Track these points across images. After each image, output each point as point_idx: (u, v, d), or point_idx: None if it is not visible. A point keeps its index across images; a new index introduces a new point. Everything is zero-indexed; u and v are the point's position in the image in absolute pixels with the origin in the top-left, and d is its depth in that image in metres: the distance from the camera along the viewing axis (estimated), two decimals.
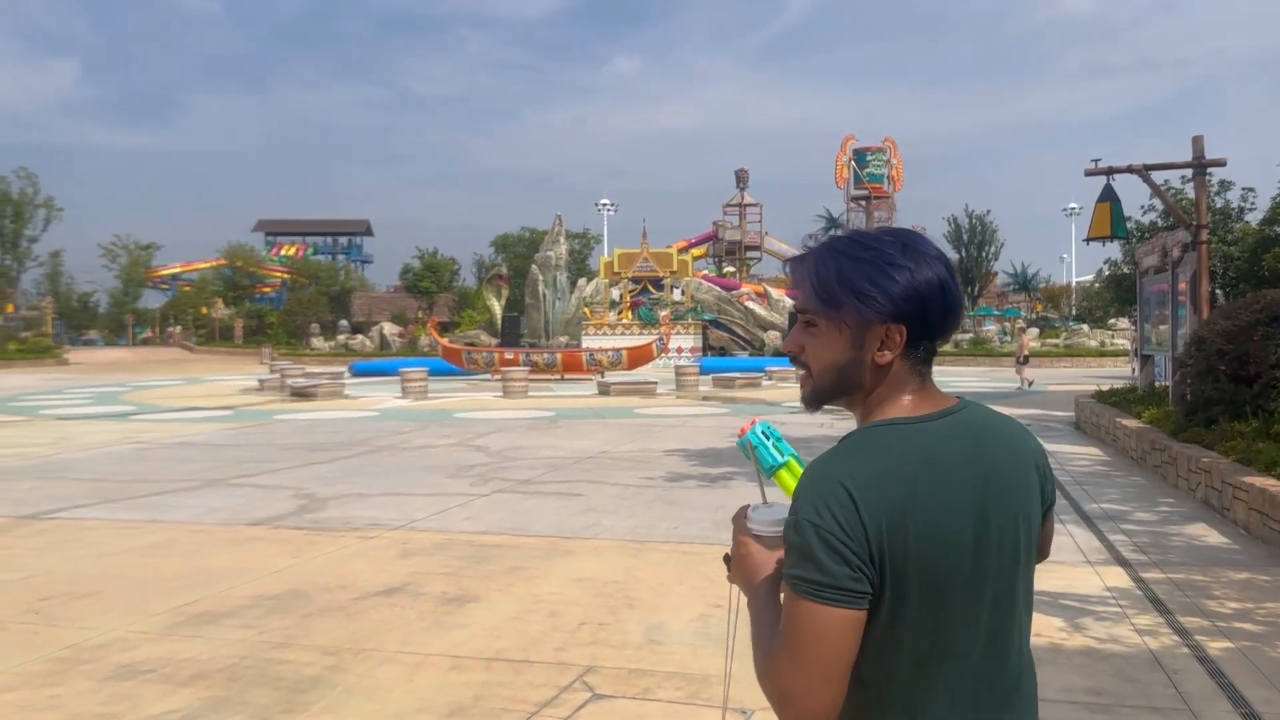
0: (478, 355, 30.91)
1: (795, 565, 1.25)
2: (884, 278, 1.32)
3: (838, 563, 1.22)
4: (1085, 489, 9.55)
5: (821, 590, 1.22)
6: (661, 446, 13.05)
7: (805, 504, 1.25)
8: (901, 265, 1.32)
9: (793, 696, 1.23)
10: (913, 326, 1.33)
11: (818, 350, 1.40)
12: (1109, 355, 40.76)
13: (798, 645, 1.23)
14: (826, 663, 1.23)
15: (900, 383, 1.36)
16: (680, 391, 23.92)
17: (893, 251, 1.33)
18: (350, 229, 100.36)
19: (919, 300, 1.32)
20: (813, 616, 1.23)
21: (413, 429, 15.72)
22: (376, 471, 10.99)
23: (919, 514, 1.25)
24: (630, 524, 7.90)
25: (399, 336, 53.59)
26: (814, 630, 1.23)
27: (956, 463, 1.30)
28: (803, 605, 1.23)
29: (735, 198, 68.27)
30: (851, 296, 1.33)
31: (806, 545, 1.23)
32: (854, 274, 1.33)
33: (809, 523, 1.23)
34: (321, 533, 7.66)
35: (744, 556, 1.44)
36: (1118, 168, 11.94)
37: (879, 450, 1.29)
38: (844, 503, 1.23)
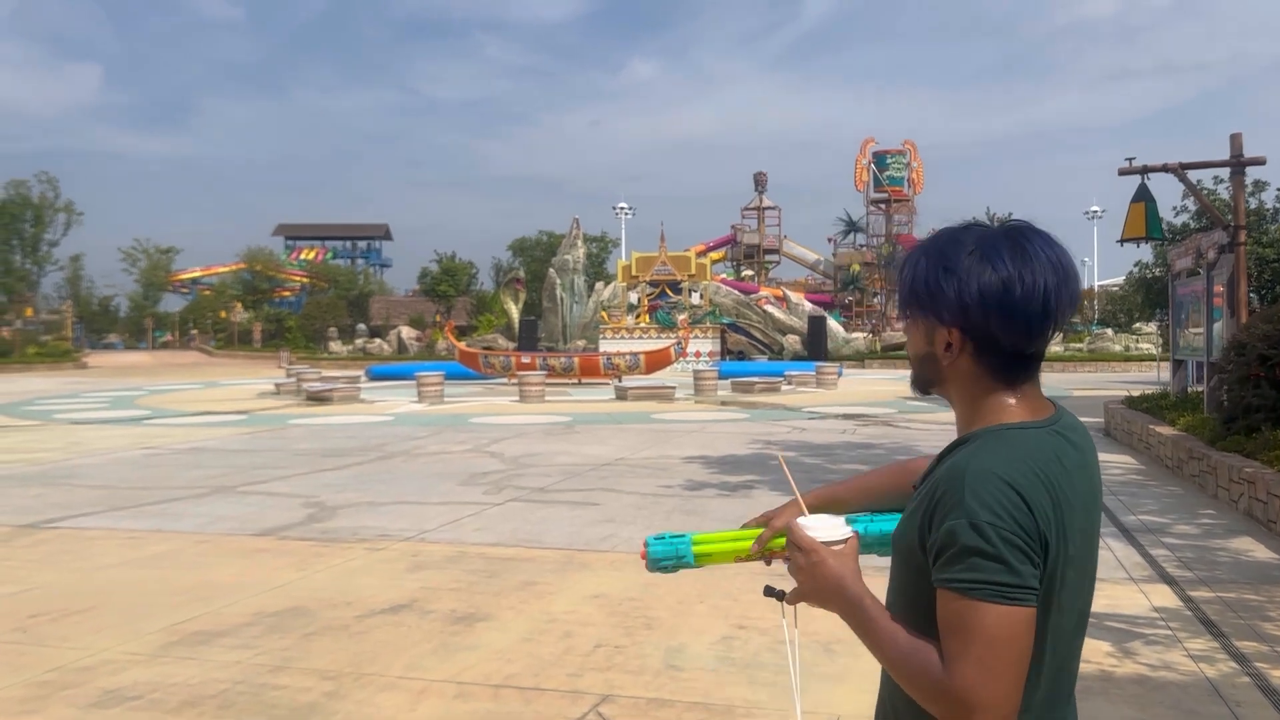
0: (494, 359, 30.69)
1: (975, 569, 1.21)
2: (939, 282, 1.33)
3: (1023, 562, 1.21)
4: (1121, 499, 9.18)
5: (1012, 592, 1.20)
6: (680, 453, 12.75)
7: (978, 505, 1.22)
8: (953, 271, 1.32)
9: (989, 706, 1.20)
10: (973, 333, 1.32)
11: (909, 341, 1.45)
12: (1134, 360, 40.19)
13: (989, 653, 1.20)
14: (1017, 665, 1.22)
15: (993, 387, 1.35)
16: (699, 396, 23.60)
17: (956, 255, 1.33)
18: (369, 233, 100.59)
19: (971, 309, 1.30)
20: (1005, 620, 1.20)
21: (427, 435, 15.47)
22: (388, 479, 10.73)
23: (1065, 514, 1.27)
24: (648, 534, 7.59)
25: (417, 340, 53.52)
26: (1008, 634, 1.20)
27: (1076, 467, 1.32)
28: (991, 610, 1.20)
29: (754, 201, 67.96)
30: (912, 297, 1.37)
31: (991, 547, 1.20)
32: (921, 274, 1.35)
33: (988, 524, 1.21)
34: (329, 544, 7.40)
35: (819, 565, 1.40)
36: (1153, 167, 11.55)
37: (1023, 452, 1.28)
38: (1017, 503, 1.23)
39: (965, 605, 1.21)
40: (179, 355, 64.58)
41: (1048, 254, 1.31)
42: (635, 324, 38.61)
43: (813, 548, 1.40)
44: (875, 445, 13.61)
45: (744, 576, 5.86)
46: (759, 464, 11.65)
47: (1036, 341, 1.33)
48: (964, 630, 1.21)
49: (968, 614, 1.21)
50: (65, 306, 64.34)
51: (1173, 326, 14.47)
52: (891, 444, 13.75)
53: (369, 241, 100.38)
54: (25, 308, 55.29)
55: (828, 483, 1.77)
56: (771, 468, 11.26)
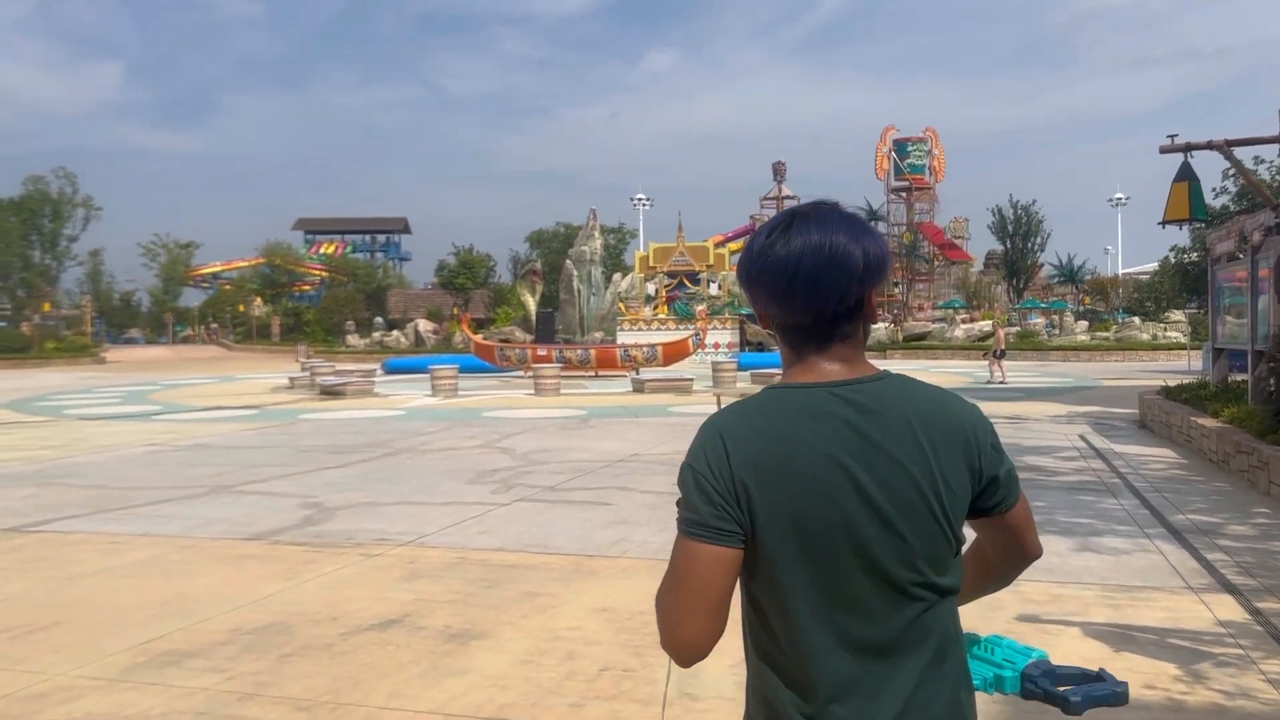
0: (510, 352, 30.25)
1: (680, 505, 1.38)
2: (741, 259, 1.48)
3: (704, 502, 1.33)
4: (1166, 496, 8.63)
5: (694, 529, 1.33)
6: None
7: (691, 452, 1.38)
8: (748, 248, 1.45)
9: (670, 623, 1.35)
10: (767, 304, 1.43)
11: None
12: (1161, 348, 39.31)
13: (674, 579, 1.35)
14: (696, 595, 1.32)
15: (795, 353, 1.45)
16: (717, 388, 23.06)
17: (759, 234, 1.44)
18: (388, 227, 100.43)
19: (756, 281, 1.43)
20: (688, 553, 1.33)
21: (437, 429, 15.04)
22: (393, 477, 10.29)
23: (786, 467, 1.33)
24: (662, 539, 7.11)
25: (434, 333, 53.18)
26: (688, 565, 1.33)
27: (836, 422, 1.35)
28: (681, 542, 1.35)
29: (772, 191, 67.19)
30: (741, 278, 1.50)
31: (684, 487, 1.37)
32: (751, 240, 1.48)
33: (689, 467, 1.37)
34: (322, 549, 6.95)
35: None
36: (1197, 144, 10.90)
37: (763, 408, 1.39)
38: (718, 450, 1.35)
39: (676, 539, 1.37)
40: (198, 350, 64.64)
41: (813, 234, 1.37)
42: (653, 315, 38.12)
43: None
44: None
45: None
46: None
47: (793, 314, 1.40)
48: (671, 560, 1.37)
49: (674, 546, 1.37)
50: (85, 301, 64.45)
51: (1212, 314, 13.83)
52: None
53: (388, 235, 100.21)
54: (42, 303, 55.29)
55: None
56: None
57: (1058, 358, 38.87)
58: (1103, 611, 5.24)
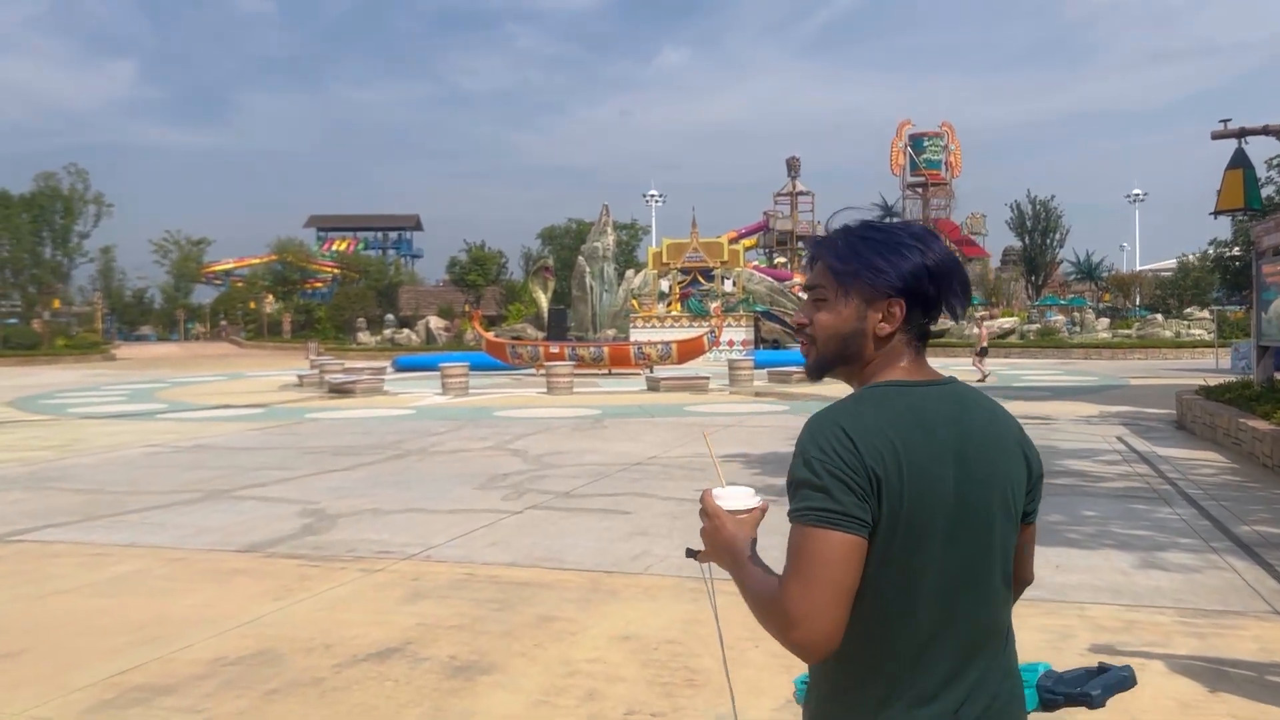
0: (522, 349, 29.73)
1: (805, 498, 1.33)
2: (895, 255, 1.44)
3: (844, 492, 1.31)
4: (1225, 505, 8.04)
5: (831, 516, 1.31)
6: (719, 451, 11.69)
7: (810, 445, 1.36)
8: (911, 246, 1.45)
9: (803, 618, 1.29)
10: (911, 303, 1.44)
11: (825, 321, 1.49)
12: (1185, 346, 38.55)
13: (809, 570, 1.30)
14: (835, 584, 1.30)
15: (895, 354, 1.47)
16: (734, 387, 22.53)
17: (904, 236, 1.47)
18: (400, 224, 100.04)
19: (921, 279, 1.44)
20: (823, 542, 1.30)
21: (447, 430, 14.53)
22: (399, 481, 9.78)
23: (908, 459, 1.35)
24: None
25: (445, 330, 52.73)
26: (824, 555, 1.30)
27: (940, 422, 1.41)
28: (813, 533, 1.31)
29: (786, 186, 66.53)
30: (865, 269, 1.44)
31: (817, 477, 1.32)
32: (867, 251, 1.45)
33: (816, 459, 1.34)
34: (320, 563, 6.44)
35: (718, 530, 1.47)
36: (1252, 129, 10.29)
37: (873, 405, 1.40)
38: (844, 442, 1.34)
39: (796, 530, 1.33)
40: (209, 347, 64.40)
41: (945, 246, 1.48)
42: (666, 312, 37.54)
43: (715, 513, 1.48)
44: None
45: None
46: None
47: (933, 317, 1.48)
48: (793, 552, 1.32)
49: (797, 537, 1.33)
50: (96, 298, 64.26)
51: (1257, 310, 13.20)
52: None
53: (400, 232, 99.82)
54: (52, 299, 55.06)
55: None
56: None
57: (1080, 355, 38.13)
58: (1186, 642, 4.68)
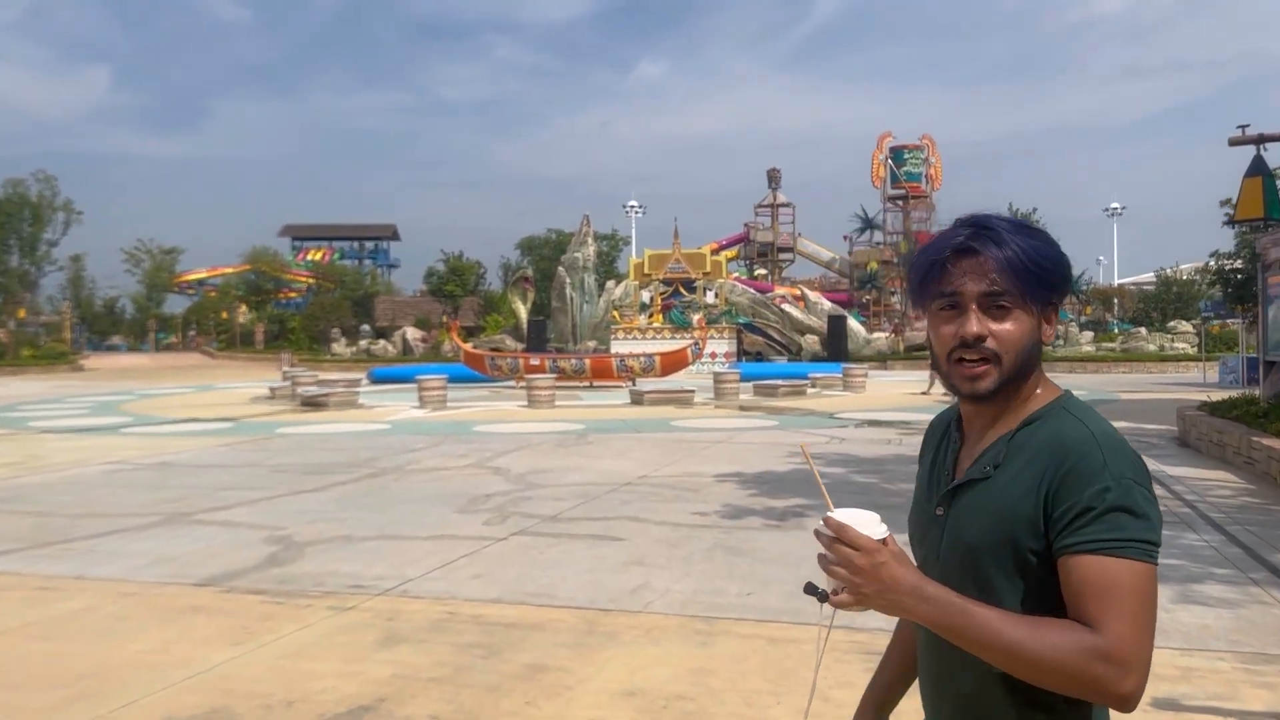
0: (502, 361, 29.11)
1: (1123, 528, 1.17)
2: (1066, 260, 1.34)
3: (1160, 524, 1.20)
4: (1252, 530, 7.58)
5: (1154, 551, 1.18)
6: (710, 470, 11.16)
7: (1124, 466, 1.20)
8: (1056, 243, 1.33)
9: (1143, 663, 1.14)
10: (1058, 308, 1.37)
11: (1011, 333, 1.31)
12: (1170, 360, 38.42)
13: (1145, 610, 1.15)
14: (1154, 626, 1.18)
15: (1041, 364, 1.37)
16: (719, 400, 22.01)
17: (1044, 231, 1.34)
18: (377, 233, 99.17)
19: (1065, 287, 1.35)
20: (1151, 578, 1.17)
21: (425, 446, 13.91)
22: (373, 503, 9.18)
23: None
24: (689, 586, 6.03)
25: (422, 341, 51.96)
26: (1153, 593, 1.17)
27: None
28: (1141, 568, 1.15)
29: (767, 198, 66.29)
30: (1058, 278, 1.32)
31: (1139, 507, 1.17)
32: (1052, 256, 1.31)
33: (1135, 484, 1.18)
34: (284, 599, 5.84)
35: (884, 567, 1.23)
36: (1271, 135, 9.88)
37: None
38: (1144, 465, 1.22)
39: (1116, 564, 1.15)
40: (180, 357, 63.31)
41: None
42: (648, 324, 37.01)
43: (873, 546, 1.25)
44: None
45: (835, 662, 4.30)
46: (803, 483, 10.06)
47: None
48: (1116, 589, 1.14)
49: (1120, 572, 1.14)
50: (65, 308, 63.02)
51: (1263, 323, 12.84)
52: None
53: (376, 242, 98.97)
54: (19, 309, 53.88)
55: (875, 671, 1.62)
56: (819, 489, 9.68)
57: (1064, 369, 37.85)
58: (1257, 694, 4.18)
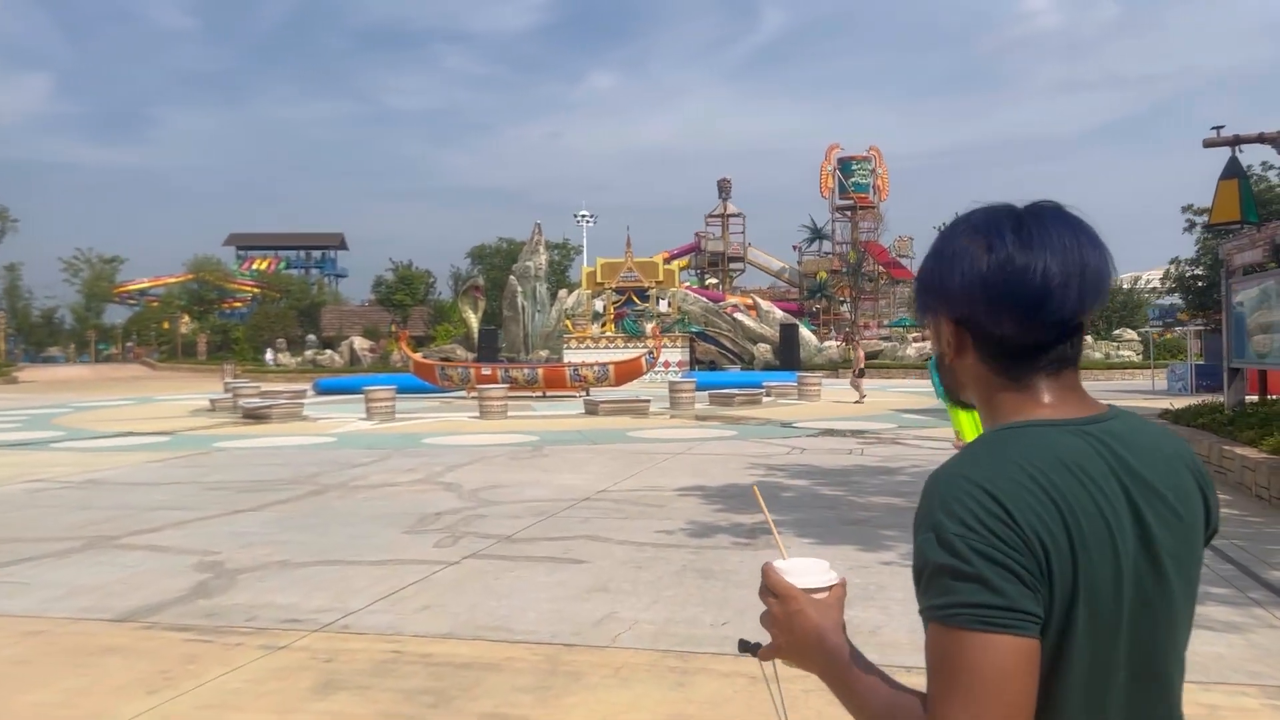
0: (452, 371, 28.46)
1: (950, 591, 0.96)
2: (941, 268, 1.12)
3: (1007, 579, 0.95)
4: (1240, 545, 7.29)
5: (995, 615, 0.95)
6: (671, 482, 10.70)
7: (943, 515, 0.98)
8: (962, 252, 1.09)
9: None
10: (982, 323, 1.10)
11: (932, 345, 1.22)
12: (1116, 368, 38.83)
13: (971, 689, 0.93)
14: (1009, 706, 0.94)
15: (1006, 384, 1.11)
16: (675, 410, 21.58)
17: (955, 238, 1.11)
18: (323, 242, 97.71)
19: (957, 296, 1.10)
20: (987, 651, 0.94)
21: (372, 460, 13.29)
22: (315, 524, 8.58)
23: (1074, 522, 0.99)
24: (660, 615, 5.55)
25: (370, 352, 50.99)
26: (990, 667, 0.93)
27: (1101, 474, 1.03)
28: (971, 639, 0.94)
29: (718, 208, 66.32)
30: (919, 286, 1.17)
31: (963, 562, 0.95)
32: (924, 263, 1.17)
33: (956, 535, 0.96)
34: (212, 637, 5.27)
35: (796, 618, 1.13)
36: (1246, 137, 9.69)
37: (1015, 454, 1.02)
38: (991, 508, 0.97)
39: (945, 635, 0.96)
40: (120, 369, 61.63)
41: (1055, 234, 1.07)
42: (601, 333, 36.51)
43: (790, 594, 1.14)
44: (896, 470, 11.64)
45: (827, 705, 3.85)
46: (769, 497, 9.64)
47: (1035, 330, 1.07)
48: (944, 665, 0.96)
49: (948, 645, 0.96)
50: None
51: (1227, 329, 12.69)
52: (912, 468, 11.80)
53: (323, 251, 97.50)
54: None
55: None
56: (789, 503, 9.27)
57: None
58: None
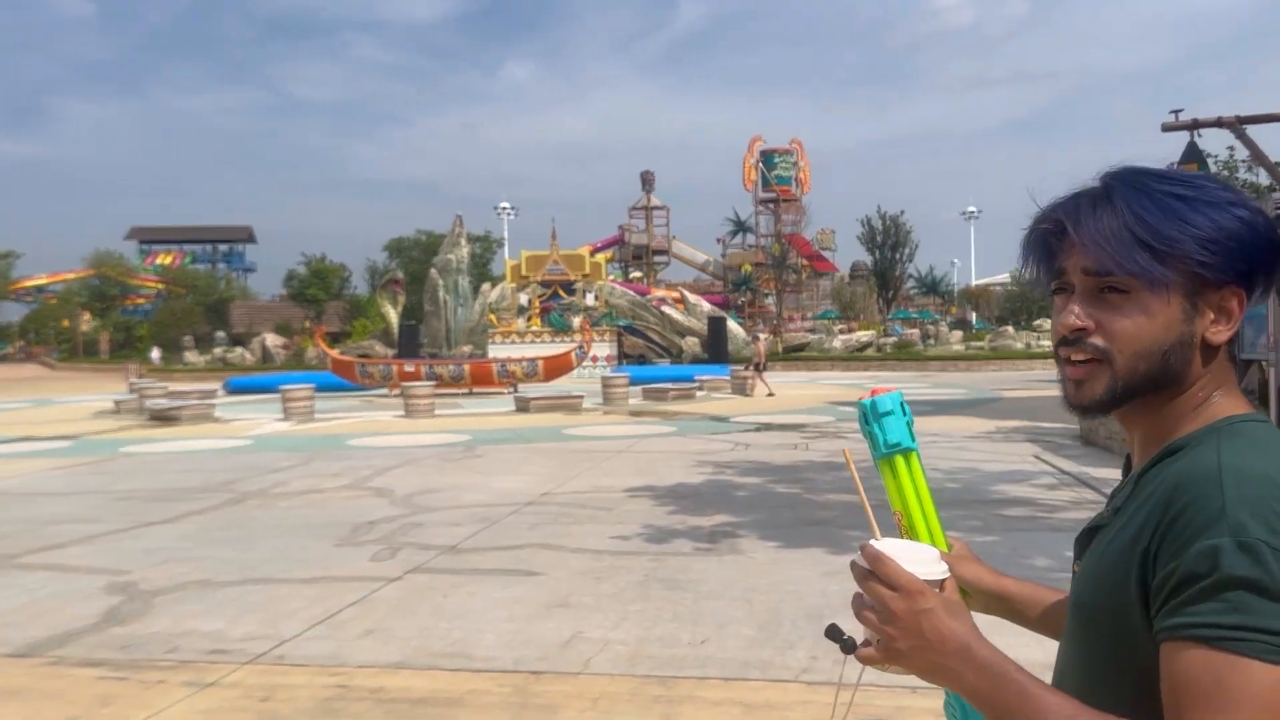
0: (373, 368, 27.49)
1: (1245, 610, 0.78)
2: (1233, 223, 0.89)
3: None
4: None
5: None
6: (618, 483, 10.20)
7: (1248, 518, 0.80)
8: (1241, 206, 0.91)
9: None
10: (1251, 292, 0.92)
11: (1128, 328, 0.91)
12: (1036, 357, 39.54)
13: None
14: None
15: (1226, 376, 0.94)
16: (608, 405, 21.09)
17: (1218, 190, 0.91)
18: (231, 236, 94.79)
19: (1263, 255, 0.91)
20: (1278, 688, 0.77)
21: (294, 464, 12.50)
22: (237, 537, 7.87)
23: None
24: (631, 634, 5.05)
25: (283, 348, 49.37)
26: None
27: None
28: (1261, 671, 0.77)
29: (641, 200, 65.95)
30: (1197, 247, 0.89)
31: (1273, 580, 0.78)
32: (1193, 217, 0.89)
33: (1267, 545, 0.78)
34: (129, 674, 4.61)
35: (928, 616, 0.90)
36: (1205, 121, 9.55)
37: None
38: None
39: (1224, 661, 0.78)
40: (17, 369, 58.63)
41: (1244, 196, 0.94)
42: (527, 327, 35.82)
43: (918, 589, 0.92)
44: (845, 465, 11.30)
45: None
46: (723, 497, 9.21)
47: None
48: (1219, 697, 0.78)
49: (1228, 674, 0.78)
50: None
51: None
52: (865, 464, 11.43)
53: (231, 245, 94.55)
54: None
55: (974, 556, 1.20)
56: (745, 503, 8.84)
57: (936, 368, 38.50)
58: None
